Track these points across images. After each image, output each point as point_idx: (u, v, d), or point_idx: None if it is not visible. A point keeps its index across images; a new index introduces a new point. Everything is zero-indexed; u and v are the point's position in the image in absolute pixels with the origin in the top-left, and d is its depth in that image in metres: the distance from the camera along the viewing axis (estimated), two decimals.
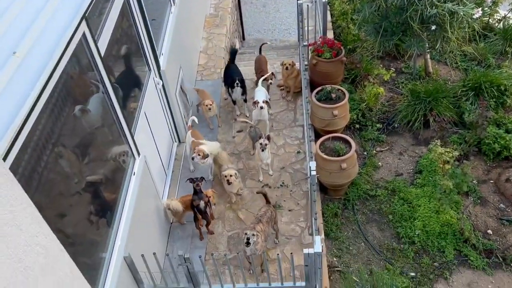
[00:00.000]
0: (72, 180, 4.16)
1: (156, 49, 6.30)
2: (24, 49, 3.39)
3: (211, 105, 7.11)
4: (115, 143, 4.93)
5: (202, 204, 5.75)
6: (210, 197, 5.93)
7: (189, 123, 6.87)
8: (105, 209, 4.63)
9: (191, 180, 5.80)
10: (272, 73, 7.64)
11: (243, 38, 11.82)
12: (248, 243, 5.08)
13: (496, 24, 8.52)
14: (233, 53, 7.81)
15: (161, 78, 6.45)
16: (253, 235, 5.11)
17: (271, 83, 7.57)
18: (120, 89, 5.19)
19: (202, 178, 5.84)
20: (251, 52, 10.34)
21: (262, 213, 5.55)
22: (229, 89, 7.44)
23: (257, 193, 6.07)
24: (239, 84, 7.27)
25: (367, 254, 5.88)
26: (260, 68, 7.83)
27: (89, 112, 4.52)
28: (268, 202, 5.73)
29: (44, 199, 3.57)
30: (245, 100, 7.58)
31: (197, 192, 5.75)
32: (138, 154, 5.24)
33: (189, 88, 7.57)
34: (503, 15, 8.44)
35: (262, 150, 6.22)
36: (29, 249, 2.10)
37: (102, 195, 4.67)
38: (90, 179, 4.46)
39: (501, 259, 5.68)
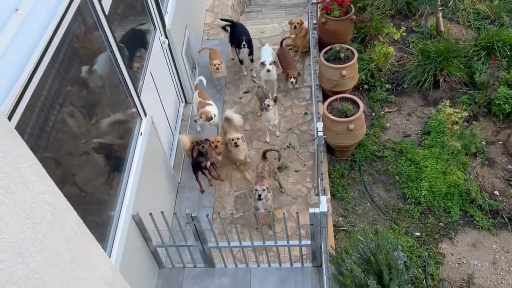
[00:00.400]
0: (79, 140, 4.18)
1: (161, 7, 6.19)
2: (26, 6, 3.34)
3: (219, 64, 7.02)
4: (121, 103, 4.92)
5: (208, 164, 5.81)
6: (218, 142, 6.02)
7: (196, 82, 6.82)
8: (112, 169, 4.67)
9: (197, 143, 5.81)
10: (299, 73, 7.12)
11: None
12: (260, 198, 5.18)
13: None
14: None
15: (166, 37, 6.36)
16: (263, 190, 5.22)
17: (292, 82, 6.99)
18: (126, 49, 5.13)
19: (207, 140, 5.86)
20: (258, 10, 10.14)
21: (260, 169, 5.65)
22: (236, 49, 7.34)
23: (262, 156, 5.99)
24: (245, 45, 7.16)
25: (372, 214, 5.93)
26: (287, 64, 7.08)
27: (95, 72, 4.49)
28: (264, 157, 5.80)
29: (51, 158, 3.60)
30: (252, 60, 7.49)
31: (202, 154, 5.78)
32: (145, 114, 5.23)
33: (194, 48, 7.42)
34: None
35: (263, 110, 6.20)
36: (37, 206, 2.13)
37: (109, 155, 4.70)
38: (97, 139, 4.48)
39: (506, 219, 5.70)
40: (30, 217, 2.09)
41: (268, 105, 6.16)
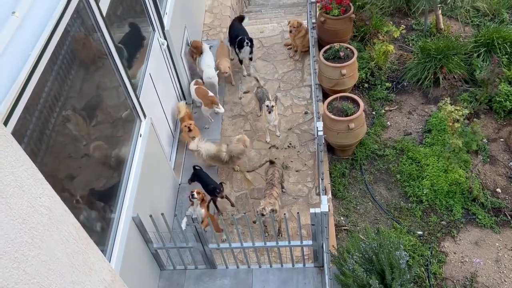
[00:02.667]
0: (78, 142, 4.16)
1: (160, 9, 6.17)
2: (23, 9, 3.32)
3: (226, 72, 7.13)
4: (121, 105, 4.91)
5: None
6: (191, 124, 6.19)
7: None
8: (112, 171, 4.65)
9: (215, 190, 5.60)
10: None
11: None
12: (263, 215, 5.12)
13: None
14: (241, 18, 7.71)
15: (165, 38, 6.35)
16: (272, 210, 5.12)
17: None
18: (124, 50, 5.12)
19: (222, 185, 5.69)
20: (257, 10, 10.12)
21: (270, 176, 5.57)
22: (237, 49, 7.32)
23: (269, 162, 5.88)
24: (249, 43, 7.14)
25: (374, 213, 5.90)
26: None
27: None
28: (272, 163, 5.74)
29: (49, 161, 3.59)
30: (251, 59, 7.48)
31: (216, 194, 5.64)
32: (144, 116, 5.22)
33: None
34: None
35: (269, 113, 6.18)
36: (33, 210, 2.11)
37: (109, 157, 4.69)
38: (97, 142, 4.47)
39: (509, 217, 5.67)
40: (27, 222, 2.07)
41: (272, 106, 6.15)
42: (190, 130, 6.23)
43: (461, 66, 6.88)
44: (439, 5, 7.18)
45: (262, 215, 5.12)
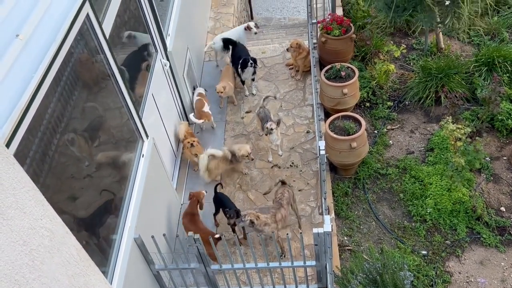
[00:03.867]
0: (80, 164, 4.17)
1: (162, 30, 6.25)
2: (27, 32, 3.36)
3: (222, 92, 7.16)
4: (123, 125, 4.93)
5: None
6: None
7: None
8: (114, 192, 4.65)
9: (227, 215, 5.61)
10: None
11: (252, 17, 11.66)
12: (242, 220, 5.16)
13: None
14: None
15: (168, 59, 6.41)
16: (251, 222, 5.13)
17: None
18: (127, 71, 5.16)
19: (235, 212, 5.60)
20: (259, 31, 10.20)
21: (280, 195, 5.48)
22: (240, 69, 7.36)
23: (281, 182, 5.78)
24: (253, 64, 7.18)
25: (378, 233, 5.85)
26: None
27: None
28: (284, 183, 5.68)
29: (50, 183, 3.59)
30: (253, 79, 7.52)
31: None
32: (147, 136, 5.23)
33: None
34: None
35: (267, 134, 6.20)
36: (34, 232, 2.10)
37: (111, 178, 4.69)
38: (99, 161, 4.47)
39: None
40: (27, 243, 2.07)
41: (272, 129, 6.17)
42: (192, 145, 6.26)
43: (462, 85, 6.90)
44: (439, 26, 7.23)
45: (242, 220, 5.16)
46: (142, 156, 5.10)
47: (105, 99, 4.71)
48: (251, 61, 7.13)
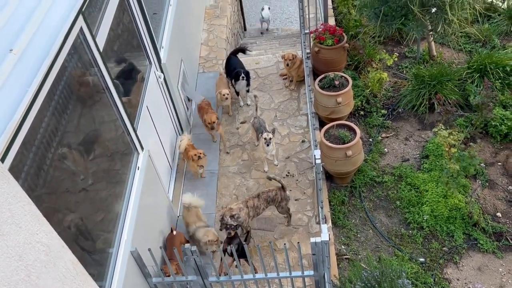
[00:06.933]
0: (74, 177, 4.15)
1: (156, 42, 6.26)
2: (21, 46, 3.36)
3: (228, 94, 7.15)
4: (118, 138, 4.92)
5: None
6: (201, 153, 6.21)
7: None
8: (110, 205, 4.62)
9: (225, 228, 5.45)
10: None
11: (245, 29, 11.74)
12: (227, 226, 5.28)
13: (500, 4, 8.38)
14: (242, 50, 7.83)
15: (162, 72, 6.42)
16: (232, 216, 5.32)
17: None
18: (121, 84, 5.16)
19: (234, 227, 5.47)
20: (252, 42, 10.28)
21: (266, 190, 5.67)
22: (233, 81, 7.40)
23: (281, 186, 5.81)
24: (244, 78, 7.23)
25: (375, 241, 5.85)
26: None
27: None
28: (283, 188, 5.71)
29: (46, 197, 3.57)
30: (248, 91, 7.55)
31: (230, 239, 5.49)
32: (142, 148, 5.22)
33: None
34: None
35: (267, 145, 6.21)
36: (30, 247, 2.08)
37: (106, 191, 4.67)
38: (94, 175, 4.45)
39: (511, 241, 5.63)
40: (23, 259, 2.05)
41: (270, 139, 6.18)
42: (199, 158, 6.24)
43: (455, 92, 6.95)
44: (430, 33, 7.30)
45: (222, 218, 5.32)
46: (138, 169, 5.08)
47: (100, 112, 4.71)
48: (242, 75, 7.18)
